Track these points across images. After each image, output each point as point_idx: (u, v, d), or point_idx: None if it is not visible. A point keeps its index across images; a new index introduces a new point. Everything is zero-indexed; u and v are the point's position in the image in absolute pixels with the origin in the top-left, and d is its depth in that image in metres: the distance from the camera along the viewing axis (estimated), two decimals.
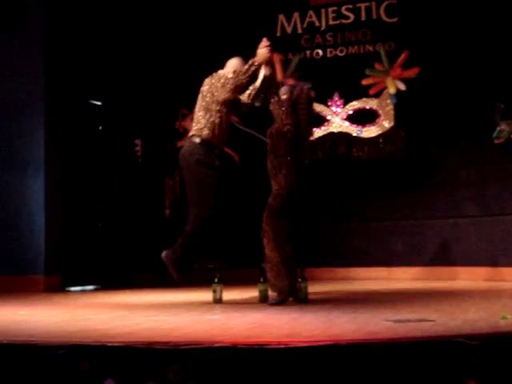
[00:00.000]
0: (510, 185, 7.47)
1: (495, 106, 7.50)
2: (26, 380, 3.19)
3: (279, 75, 8.08)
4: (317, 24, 8.65)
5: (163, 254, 5.67)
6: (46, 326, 4.21)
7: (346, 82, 8.35)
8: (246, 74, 5.61)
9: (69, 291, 7.54)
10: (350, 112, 8.41)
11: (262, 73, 5.68)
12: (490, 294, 5.96)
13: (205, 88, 5.80)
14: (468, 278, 7.54)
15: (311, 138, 5.85)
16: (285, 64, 8.51)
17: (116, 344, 3.19)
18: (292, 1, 8.78)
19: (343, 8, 8.57)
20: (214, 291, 5.64)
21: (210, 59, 8.61)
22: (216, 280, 5.65)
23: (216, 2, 8.79)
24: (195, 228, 5.66)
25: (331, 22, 8.60)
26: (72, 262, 7.73)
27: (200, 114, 5.77)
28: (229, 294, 5.84)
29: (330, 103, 8.48)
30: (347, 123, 8.41)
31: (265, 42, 5.69)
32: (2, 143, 7.53)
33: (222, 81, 5.71)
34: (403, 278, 7.91)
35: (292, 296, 5.28)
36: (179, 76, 8.63)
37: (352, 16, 8.52)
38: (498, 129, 7.47)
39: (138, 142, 8.32)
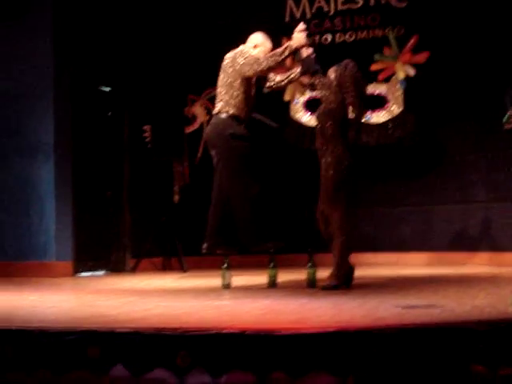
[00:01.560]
0: None
1: (505, 91, 7.46)
2: (36, 365, 3.22)
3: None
4: (326, 9, 8.60)
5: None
6: (55, 312, 4.24)
7: None
8: (281, 57, 5.53)
9: (79, 277, 7.58)
10: None
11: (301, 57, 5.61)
12: (498, 279, 5.95)
13: (226, 64, 5.70)
14: (477, 263, 7.53)
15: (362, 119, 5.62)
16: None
17: (125, 330, 3.21)
18: None
19: None
20: (223, 276, 5.65)
21: (218, 44, 8.61)
22: (225, 265, 5.65)
23: None
24: (248, 209, 5.57)
25: (340, 7, 8.54)
26: (83, 248, 7.77)
27: (223, 90, 5.69)
28: (238, 279, 5.86)
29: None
30: None
31: (301, 26, 5.64)
32: (11, 129, 7.55)
33: (246, 57, 5.60)
34: (412, 263, 7.91)
35: (346, 283, 5.19)
36: (188, 62, 8.62)
37: (361, 1, 8.46)
38: (509, 114, 7.42)
39: (147, 127, 8.32)
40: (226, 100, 5.67)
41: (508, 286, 5.26)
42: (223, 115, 5.67)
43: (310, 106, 8.41)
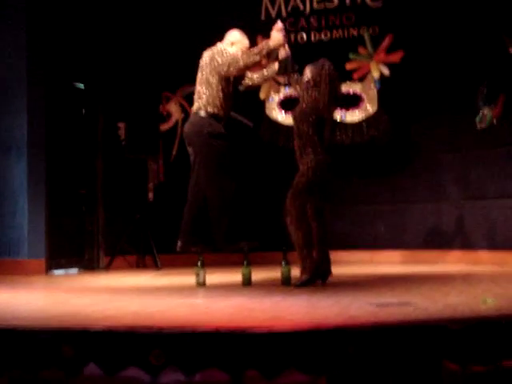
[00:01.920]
0: (491, 169, 7.51)
1: (478, 90, 7.53)
2: (8, 364, 3.19)
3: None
4: (301, 8, 8.60)
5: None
6: (28, 310, 4.21)
7: None
8: (259, 56, 5.54)
9: (53, 275, 7.53)
10: None
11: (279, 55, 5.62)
12: (470, 277, 6.00)
13: (204, 62, 5.71)
14: (449, 261, 7.60)
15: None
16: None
17: (98, 329, 3.20)
18: None
19: None
20: (197, 274, 5.64)
21: (193, 41, 8.60)
22: (199, 263, 5.64)
23: None
24: (223, 208, 5.60)
25: (315, 6, 8.55)
26: (56, 246, 7.71)
27: (201, 88, 5.69)
28: (212, 278, 5.85)
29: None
30: None
31: (279, 25, 5.63)
32: None
33: (224, 55, 5.61)
34: (386, 261, 7.96)
35: (319, 278, 5.18)
36: (163, 59, 8.58)
37: (336, 0, 8.49)
38: (481, 114, 7.50)
39: (121, 125, 8.27)
40: (204, 98, 5.67)
41: (480, 284, 5.32)
42: (201, 113, 5.67)
43: (285, 104, 8.42)
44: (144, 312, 4.00)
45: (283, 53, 5.62)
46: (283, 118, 8.44)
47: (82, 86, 8.21)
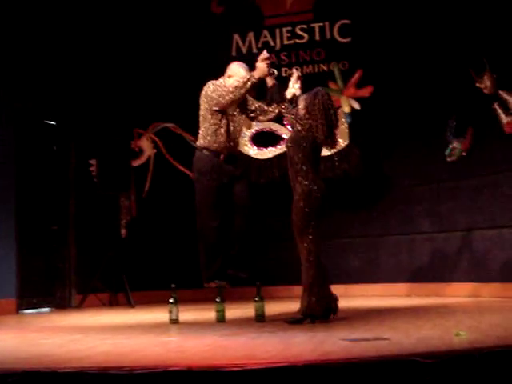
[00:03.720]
0: (462, 201, 7.58)
1: (447, 124, 7.63)
2: None
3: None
4: (272, 43, 8.70)
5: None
6: None
7: None
8: (244, 88, 5.54)
9: (23, 314, 7.41)
10: None
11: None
12: (444, 309, 6.02)
13: (201, 96, 5.74)
14: (422, 294, 7.61)
15: (335, 148, 5.62)
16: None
17: (69, 370, 3.15)
18: (247, 21, 8.82)
19: (297, 28, 8.64)
20: (170, 311, 5.59)
21: (164, 79, 8.65)
22: (172, 300, 5.59)
23: (171, 22, 8.77)
24: (200, 245, 5.64)
25: (286, 42, 8.67)
26: (27, 284, 7.60)
27: (200, 121, 5.75)
28: (186, 314, 5.81)
29: (285, 122, 8.52)
30: None
31: (264, 55, 5.63)
32: None
33: (214, 89, 5.63)
34: (359, 294, 7.96)
35: (310, 318, 5.04)
36: (134, 96, 8.59)
37: (306, 36, 8.59)
38: (451, 147, 7.60)
39: (93, 161, 8.25)
40: (200, 131, 5.74)
41: (453, 316, 5.33)
42: (198, 146, 5.75)
43: (257, 139, 8.47)
44: (116, 351, 3.95)
45: (270, 82, 5.63)
46: (255, 152, 8.47)
47: (53, 123, 8.18)
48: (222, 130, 5.68)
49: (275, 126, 8.41)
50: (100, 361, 3.52)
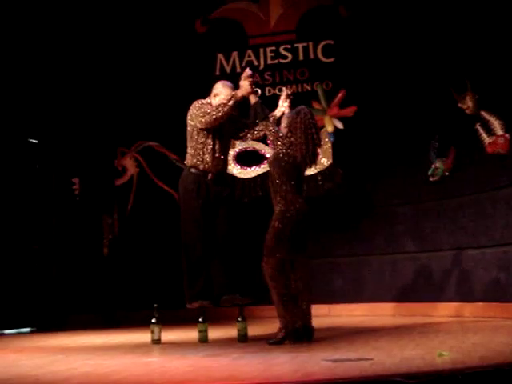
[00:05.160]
0: (445, 221, 7.60)
1: (430, 144, 7.68)
2: None
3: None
4: (255, 63, 8.73)
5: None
6: None
7: None
8: (227, 107, 5.52)
9: (4, 334, 7.33)
10: None
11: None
12: (427, 329, 6.01)
13: (188, 114, 5.74)
14: (406, 313, 7.60)
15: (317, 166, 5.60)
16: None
17: None
18: (231, 40, 8.85)
19: (281, 48, 8.68)
20: (152, 331, 5.55)
21: (148, 98, 8.64)
22: (154, 320, 5.56)
23: (155, 41, 8.78)
24: (183, 267, 5.60)
25: (269, 62, 8.70)
26: (7, 304, 7.53)
27: (188, 140, 5.74)
28: (168, 335, 5.76)
29: (269, 142, 8.53)
30: None
31: (246, 73, 5.63)
32: None
33: (198, 109, 5.64)
34: (343, 314, 7.94)
35: (291, 337, 5.03)
36: (117, 114, 8.58)
37: (290, 56, 8.62)
38: (433, 167, 7.63)
39: (75, 180, 8.22)
40: (188, 151, 5.74)
41: (436, 336, 5.32)
42: (186, 167, 5.74)
43: (240, 158, 8.47)
44: (97, 372, 3.91)
45: (253, 99, 5.64)
46: (238, 171, 8.47)
47: (35, 141, 8.15)
48: (209, 149, 5.67)
49: (259, 146, 8.42)
50: (81, 382, 3.48)
